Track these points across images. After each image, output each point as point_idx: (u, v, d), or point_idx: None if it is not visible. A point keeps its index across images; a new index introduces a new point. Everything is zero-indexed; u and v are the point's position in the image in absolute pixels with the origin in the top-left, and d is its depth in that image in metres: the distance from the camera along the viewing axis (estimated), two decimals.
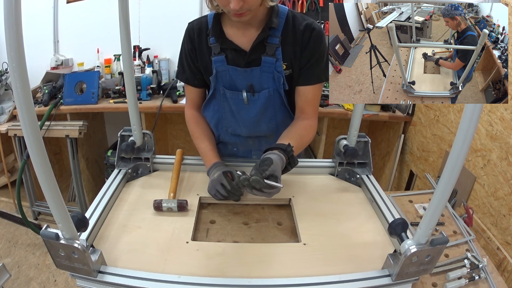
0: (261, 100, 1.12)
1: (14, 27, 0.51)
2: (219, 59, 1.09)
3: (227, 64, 1.09)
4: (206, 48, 1.10)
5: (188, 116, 1.23)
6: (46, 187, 0.62)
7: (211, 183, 1.05)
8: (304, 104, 1.13)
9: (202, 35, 1.10)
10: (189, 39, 1.12)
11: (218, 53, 1.08)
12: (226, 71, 1.10)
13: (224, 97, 1.15)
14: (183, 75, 1.18)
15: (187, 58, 1.14)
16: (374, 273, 0.79)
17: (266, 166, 0.90)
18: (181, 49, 1.15)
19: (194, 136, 1.20)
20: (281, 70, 1.08)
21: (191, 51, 1.12)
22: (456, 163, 0.63)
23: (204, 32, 1.10)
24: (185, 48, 1.13)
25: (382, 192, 1.09)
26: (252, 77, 1.09)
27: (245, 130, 1.21)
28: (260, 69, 1.07)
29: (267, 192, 0.90)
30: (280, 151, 0.97)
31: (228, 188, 1.02)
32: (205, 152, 1.15)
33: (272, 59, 1.06)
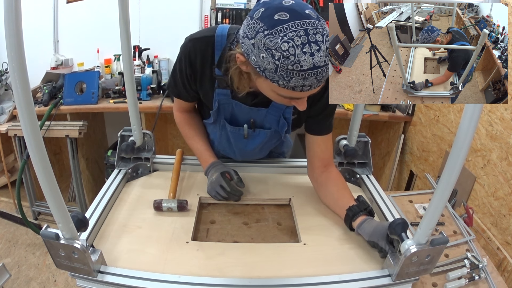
0: (261, 136, 1.08)
1: (14, 27, 0.51)
2: (223, 92, 0.98)
3: (232, 98, 0.99)
4: (210, 78, 0.97)
5: (179, 118, 1.15)
6: (46, 187, 0.62)
7: (210, 185, 1.05)
8: (322, 153, 1.07)
9: (205, 63, 0.95)
10: (189, 62, 0.95)
11: (224, 87, 0.96)
12: (229, 105, 1.01)
13: (223, 128, 1.08)
14: (174, 89, 1.06)
15: (183, 79, 0.99)
16: (374, 273, 0.79)
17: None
18: (176, 66, 0.99)
19: (187, 137, 1.15)
20: (289, 116, 1.01)
21: (190, 76, 0.98)
22: (456, 163, 0.63)
23: (209, 60, 0.94)
24: (183, 69, 0.97)
25: (382, 192, 1.09)
26: (256, 115, 1.02)
27: (239, 157, 1.21)
28: (267, 111, 1.00)
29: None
30: (367, 214, 0.93)
31: (228, 190, 1.02)
32: (201, 152, 1.13)
33: (282, 105, 0.98)
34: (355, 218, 0.91)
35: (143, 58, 2.68)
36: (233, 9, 2.63)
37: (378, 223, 0.89)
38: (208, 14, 2.66)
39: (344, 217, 0.94)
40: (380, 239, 0.83)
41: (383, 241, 0.82)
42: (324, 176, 1.06)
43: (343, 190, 1.02)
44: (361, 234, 0.89)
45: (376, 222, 0.89)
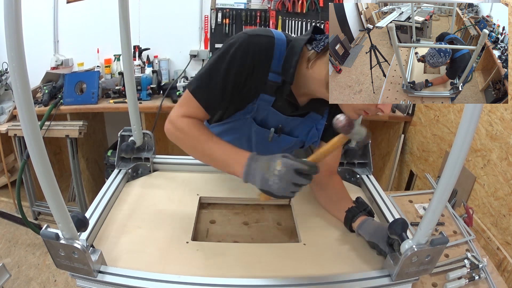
0: (285, 142, 1.03)
1: (14, 27, 0.51)
2: (267, 98, 0.90)
3: (271, 106, 0.92)
4: (257, 81, 0.87)
5: (185, 122, 0.90)
6: (46, 187, 0.62)
7: (281, 179, 0.75)
8: (331, 160, 1.05)
9: (261, 65, 0.85)
10: (252, 56, 0.83)
11: (270, 94, 0.89)
12: (264, 110, 0.94)
13: (248, 127, 0.98)
14: (203, 94, 0.87)
15: (229, 77, 0.84)
16: (374, 273, 0.79)
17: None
18: (221, 63, 0.84)
19: (199, 141, 0.88)
20: (321, 128, 1.00)
21: (239, 75, 0.84)
22: (456, 163, 0.63)
23: (265, 63, 0.85)
24: (234, 67, 0.83)
25: (382, 192, 1.09)
26: (289, 123, 0.98)
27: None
28: (302, 120, 0.98)
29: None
30: (367, 215, 0.93)
31: (307, 168, 0.76)
32: (228, 151, 0.86)
33: (319, 116, 0.98)
34: (355, 219, 0.91)
35: (143, 58, 2.68)
36: (233, 9, 2.64)
37: (379, 224, 0.89)
38: (208, 14, 2.66)
39: (343, 219, 0.94)
40: (380, 241, 0.83)
41: (383, 242, 0.82)
42: (326, 181, 1.06)
43: (342, 193, 1.03)
44: (361, 235, 0.89)
45: (377, 223, 0.89)
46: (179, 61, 2.76)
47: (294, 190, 0.77)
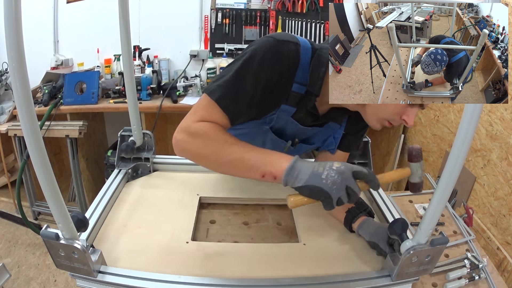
0: (300, 150, 1.01)
1: (14, 27, 0.51)
2: (288, 109, 0.86)
3: (291, 116, 0.88)
4: (283, 89, 0.82)
5: (207, 125, 0.77)
6: (46, 187, 0.62)
7: (335, 184, 0.68)
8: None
9: (289, 72, 0.80)
10: (281, 63, 0.77)
11: (292, 104, 0.85)
12: (283, 120, 0.89)
13: (262, 135, 0.94)
14: (230, 104, 0.78)
15: (259, 83, 0.77)
16: (374, 273, 0.79)
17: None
18: (249, 68, 0.76)
19: (227, 142, 0.76)
20: (339, 137, 0.98)
21: (274, 79, 0.78)
22: (456, 163, 0.62)
23: (291, 70, 0.80)
24: (266, 70, 0.77)
25: (382, 192, 1.09)
26: (305, 132, 0.95)
27: None
28: (320, 130, 0.96)
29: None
30: (367, 215, 0.93)
31: (366, 172, 0.71)
32: (264, 153, 0.75)
33: (337, 125, 0.96)
34: (355, 220, 0.91)
35: (143, 58, 2.68)
36: (233, 9, 2.64)
37: (379, 224, 0.89)
38: (208, 14, 2.66)
39: (343, 220, 0.94)
40: (381, 241, 0.83)
41: (384, 242, 0.82)
42: None
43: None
44: (361, 235, 0.89)
45: (377, 223, 0.89)
46: (179, 61, 2.76)
47: (344, 194, 0.68)
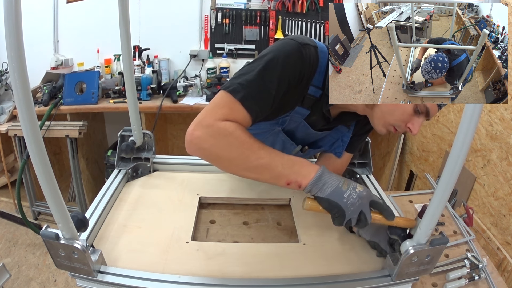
0: (307, 154, 1.04)
1: (14, 27, 0.50)
2: (302, 112, 0.86)
3: (304, 119, 0.89)
4: (300, 92, 0.83)
5: (234, 126, 0.73)
6: (46, 187, 0.62)
7: (353, 204, 0.72)
8: (341, 166, 1.08)
9: (308, 76, 0.81)
10: (302, 66, 0.78)
11: (307, 107, 0.86)
12: (295, 123, 0.90)
13: (273, 136, 0.94)
14: (255, 104, 0.76)
15: (282, 85, 0.77)
16: (374, 273, 0.79)
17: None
18: (274, 69, 0.75)
19: (254, 145, 0.74)
20: (347, 140, 1.00)
21: (295, 81, 0.79)
22: (456, 163, 0.62)
23: (310, 74, 0.81)
24: (290, 72, 0.77)
25: (382, 192, 1.09)
26: (314, 136, 0.97)
27: None
28: (328, 133, 0.98)
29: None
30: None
31: (383, 203, 0.77)
32: (292, 157, 0.77)
33: (346, 129, 0.99)
34: None
35: (143, 58, 2.68)
36: (233, 9, 2.64)
37: (379, 224, 0.89)
38: (208, 14, 2.66)
39: None
40: (382, 240, 0.83)
41: (384, 242, 0.83)
42: None
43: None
44: (362, 235, 0.89)
45: (377, 223, 0.89)
46: (179, 61, 2.76)
47: (355, 218, 0.73)
